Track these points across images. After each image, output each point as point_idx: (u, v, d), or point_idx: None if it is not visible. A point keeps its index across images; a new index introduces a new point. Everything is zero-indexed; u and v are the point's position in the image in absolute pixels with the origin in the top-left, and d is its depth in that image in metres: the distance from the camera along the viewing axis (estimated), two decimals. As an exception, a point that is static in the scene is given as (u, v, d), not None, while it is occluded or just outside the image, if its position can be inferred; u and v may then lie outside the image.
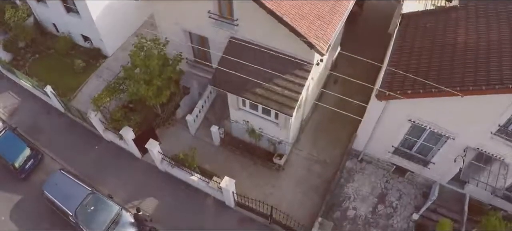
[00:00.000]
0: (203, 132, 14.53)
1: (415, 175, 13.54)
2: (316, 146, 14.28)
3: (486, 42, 10.70)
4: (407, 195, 13.40)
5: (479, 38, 10.95)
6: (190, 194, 13.42)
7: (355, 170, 13.73)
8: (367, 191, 13.38)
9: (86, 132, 15.21)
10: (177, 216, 13.02)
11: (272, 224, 12.69)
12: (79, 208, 12.31)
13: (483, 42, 10.70)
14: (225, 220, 12.93)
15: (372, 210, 13.11)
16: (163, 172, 13.96)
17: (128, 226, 12.38)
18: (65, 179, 13.00)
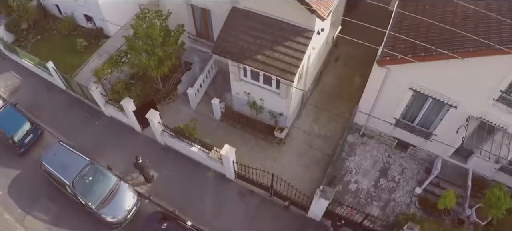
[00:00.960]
0: (204, 106, 14.32)
1: (417, 150, 13.27)
2: (317, 121, 14.04)
3: (485, 8, 10.54)
4: (409, 170, 13.09)
5: (478, 4, 10.81)
6: (190, 167, 13.12)
7: (357, 144, 13.45)
8: (369, 165, 13.09)
9: (87, 108, 15.04)
10: (177, 190, 12.70)
11: (273, 196, 12.42)
12: (77, 178, 12.01)
13: (482, 8, 10.50)
14: (225, 193, 12.61)
15: (374, 184, 12.80)
16: (163, 146, 13.70)
17: (127, 197, 12.10)
18: (64, 150, 12.72)
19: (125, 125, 14.22)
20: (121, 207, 11.95)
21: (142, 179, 12.86)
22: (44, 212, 12.86)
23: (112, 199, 12.00)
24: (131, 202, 12.13)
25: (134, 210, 12.20)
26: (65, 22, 17.01)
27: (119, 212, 11.90)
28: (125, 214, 11.96)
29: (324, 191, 10.72)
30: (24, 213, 12.85)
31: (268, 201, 12.48)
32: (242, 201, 12.45)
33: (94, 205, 11.83)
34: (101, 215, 11.79)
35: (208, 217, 12.14)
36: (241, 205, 12.41)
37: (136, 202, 12.25)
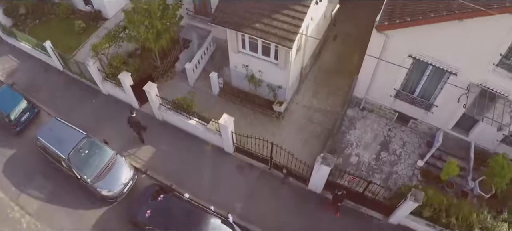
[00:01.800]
0: (202, 83, 14.02)
1: (418, 123, 12.92)
2: (317, 96, 13.73)
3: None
4: (410, 144, 12.71)
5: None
6: (188, 142, 12.76)
7: (357, 118, 13.08)
8: (369, 139, 12.71)
9: (84, 88, 14.71)
10: (175, 164, 12.32)
11: (272, 169, 12.01)
12: (72, 152, 11.58)
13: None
14: (223, 167, 12.23)
15: (376, 157, 12.40)
16: (161, 121, 13.33)
17: (123, 171, 11.68)
18: (60, 125, 12.30)
19: (123, 102, 13.85)
20: (117, 181, 11.54)
21: (139, 153, 12.53)
22: (39, 189, 12.43)
23: (108, 172, 11.58)
24: (128, 176, 11.73)
25: (131, 184, 11.81)
26: (63, 6, 16.81)
27: (115, 186, 11.48)
28: (121, 188, 11.55)
29: (325, 157, 10.33)
30: (18, 192, 12.40)
31: (267, 174, 12.07)
32: (240, 174, 12.05)
33: (89, 178, 11.41)
34: (97, 188, 11.37)
35: (206, 191, 11.72)
36: (240, 178, 12.01)
37: (132, 176, 11.84)
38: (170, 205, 10.67)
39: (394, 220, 11.38)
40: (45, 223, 11.90)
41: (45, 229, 11.75)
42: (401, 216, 11.09)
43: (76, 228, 11.43)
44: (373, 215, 11.48)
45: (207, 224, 10.19)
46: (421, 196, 10.16)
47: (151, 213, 10.60)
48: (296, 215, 11.39)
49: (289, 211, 11.42)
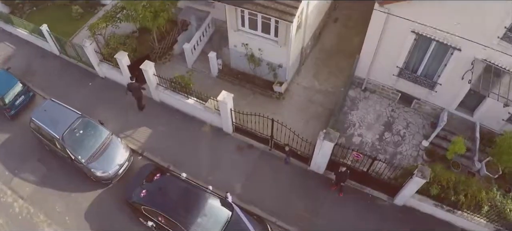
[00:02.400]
0: (200, 64, 13.53)
1: (421, 103, 12.39)
2: (318, 77, 13.24)
3: None
4: (414, 125, 12.18)
5: None
6: (185, 123, 12.23)
7: (359, 99, 12.55)
8: (372, 119, 12.17)
9: (81, 72, 14.19)
10: (172, 146, 11.78)
11: (273, 149, 11.48)
12: (66, 132, 11.04)
13: None
14: (222, 147, 11.69)
15: (379, 137, 11.87)
16: (158, 103, 12.81)
17: (119, 151, 11.14)
18: (55, 106, 11.76)
19: (119, 85, 13.33)
20: (112, 162, 11.01)
21: (135, 135, 11.97)
22: (32, 173, 11.85)
23: (103, 153, 11.04)
24: (123, 157, 11.19)
25: (126, 165, 11.25)
26: (61, -8, 16.44)
27: (110, 167, 10.94)
28: (116, 169, 11.01)
29: (328, 132, 9.81)
30: (12, 176, 11.84)
31: (268, 155, 11.54)
32: (240, 155, 11.51)
33: (83, 159, 10.86)
34: (91, 169, 10.82)
35: (204, 172, 11.19)
36: (239, 159, 11.47)
37: (128, 157, 11.31)
38: (167, 185, 10.13)
39: (399, 201, 10.82)
40: (37, 207, 11.33)
41: (37, 213, 11.21)
42: (406, 196, 10.54)
43: (69, 211, 10.89)
44: (378, 195, 10.93)
45: (205, 203, 9.65)
46: (428, 173, 9.60)
47: (146, 193, 10.04)
48: (298, 196, 10.85)
49: (290, 192, 10.89)
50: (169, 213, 9.53)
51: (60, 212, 11.20)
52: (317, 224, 10.48)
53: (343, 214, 10.58)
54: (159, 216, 9.70)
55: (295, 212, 10.63)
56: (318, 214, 10.64)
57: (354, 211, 10.66)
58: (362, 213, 10.64)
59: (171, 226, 9.61)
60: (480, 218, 10.37)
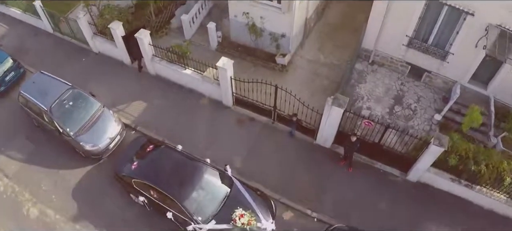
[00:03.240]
0: (199, 37, 12.52)
1: (432, 76, 11.35)
2: (322, 50, 12.22)
3: None
4: (425, 99, 11.13)
5: None
6: (182, 96, 11.21)
7: (367, 72, 11.52)
8: (381, 93, 11.13)
9: (74, 48, 13.13)
10: (167, 120, 10.72)
11: (276, 122, 10.43)
12: (55, 103, 9.97)
13: None
14: (221, 121, 10.64)
15: (389, 111, 10.79)
16: (153, 76, 11.76)
17: (110, 124, 10.07)
18: (45, 78, 10.70)
19: (114, 59, 12.34)
20: (102, 135, 9.94)
21: (128, 109, 10.88)
22: (19, 151, 10.71)
23: (93, 125, 9.97)
24: (115, 130, 10.13)
25: (118, 139, 10.19)
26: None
27: (100, 140, 9.86)
28: (107, 143, 9.93)
29: (337, 98, 8.75)
30: (-3, 154, 11.00)
31: (270, 128, 10.48)
32: (240, 128, 10.44)
33: (72, 131, 9.79)
34: (80, 143, 9.73)
35: (202, 146, 10.10)
36: (240, 133, 10.41)
37: (120, 131, 10.24)
38: (160, 157, 9.03)
39: (413, 176, 9.71)
40: (23, 186, 10.17)
41: (22, 192, 10.07)
42: (421, 170, 9.41)
43: (56, 189, 9.78)
44: (389, 171, 9.84)
45: (202, 176, 8.53)
46: (446, 141, 8.53)
47: (138, 165, 8.91)
48: (303, 171, 9.76)
49: (295, 167, 9.81)
50: (162, 186, 8.39)
51: (47, 190, 10.09)
52: (324, 201, 9.37)
53: (353, 190, 9.49)
54: (151, 189, 8.56)
55: (301, 189, 9.52)
56: (326, 190, 9.53)
57: (364, 188, 9.56)
58: (372, 189, 9.54)
59: (164, 200, 8.48)
60: (501, 194, 9.29)
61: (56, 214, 9.67)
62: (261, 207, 8.51)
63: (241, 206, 8.36)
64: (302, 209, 9.24)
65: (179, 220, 8.45)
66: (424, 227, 9.16)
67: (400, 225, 8.95)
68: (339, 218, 8.93)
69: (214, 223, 8.20)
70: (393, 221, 9.03)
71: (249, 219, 8.18)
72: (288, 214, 9.24)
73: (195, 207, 8.30)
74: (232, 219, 8.16)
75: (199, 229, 8.24)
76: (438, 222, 9.28)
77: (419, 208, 9.36)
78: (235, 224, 8.12)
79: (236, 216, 8.16)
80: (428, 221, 9.29)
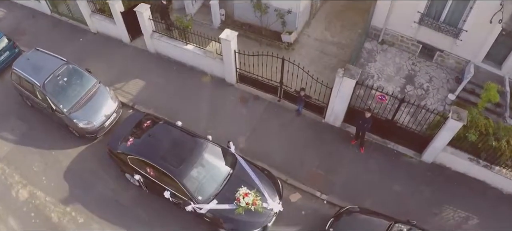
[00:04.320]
0: (201, 16, 11.66)
1: (445, 56, 10.47)
2: (330, 29, 11.33)
3: None
4: (438, 79, 10.25)
5: None
6: (183, 74, 10.33)
7: (376, 51, 10.67)
8: (392, 72, 10.25)
9: (72, 28, 12.20)
10: (167, 98, 9.79)
11: (283, 100, 9.49)
12: (49, 79, 9.03)
13: None
14: (224, 99, 9.73)
15: (400, 90, 9.94)
16: (154, 54, 10.85)
17: (106, 101, 9.13)
18: (40, 55, 9.78)
19: (112, 38, 11.43)
20: (97, 112, 9.01)
21: (126, 87, 9.88)
22: (11, 132, 9.74)
23: (88, 102, 9.04)
24: (111, 108, 9.19)
25: (114, 117, 9.25)
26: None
27: (95, 118, 8.93)
28: (102, 120, 8.99)
29: (348, 68, 7.86)
30: (-13, 135, 10.05)
31: (276, 106, 9.55)
32: (244, 107, 9.52)
33: (65, 108, 8.85)
34: (73, 120, 8.79)
35: (203, 126, 9.13)
36: (244, 111, 9.49)
37: (116, 109, 9.31)
38: (158, 132, 8.05)
39: (428, 157, 8.76)
40: (13, 167, 9.17)
41: (12, 173, 9.07)
42: (437, 149, 8.46)
43: (48, 170, 8.83)
44: (403, 151, 8.90)
45: (203, 152, 7.58)
46: (465, 115, 7.62)
47: (134, 141, 7.95)
48: (312, 152, 8.82)
49: (303, 147, 8.87)
50: (159, 162, 7.43)
51: (38, 172, 9.10)
52: (334, 182, 8.41)
53: (364, 172, 8.55)
54: (148, 166, 7.60)
55: (309, 170, 8.57)
56: (336, 172, 8.57)
57: (377, 169, 8.62)
58: (385, 171, 8.60)
59: (161, 179, 7.53)
60: (522, 175, 8.47)
61: (47, 196, 8.70)
62: (267, 186, 7.57)
63: (246, 185, 7.43)
64: (310, 191, 8.28)
65: (178, 200, 7.49)
66: (440, 211, 8.18)
67: (414, 208, 7.99)
68: (350, 201, 7.96)
69: (215, 202, 7.26)
70: (407, 204, 8.09)
71: (254, 198, 7.26)
72: (295, 196, 8.29)
73: (195, 185, 7.36)
74: (236, 198, 7.24)
75: (199, 209, 7.29)
76: (455, 206, 8.34)
77: (434, 191, 8.40)
78: (239, 203, 7.20)
79: (240, 195, 7.25)
80: (445, 205, 8.34)
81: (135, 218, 8.17)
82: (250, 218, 7.21)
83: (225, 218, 7.21)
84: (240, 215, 7.20)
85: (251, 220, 7.21)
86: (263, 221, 7.31)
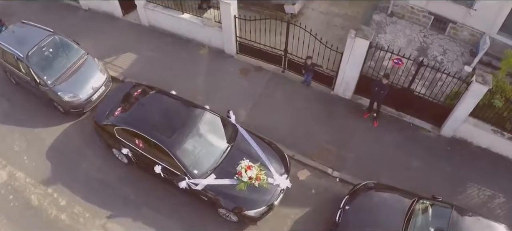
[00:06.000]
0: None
1: (458, 29, 9.31)
2: (335, 3, 10.08)
3: None
4: (452, 52, 9.06)
5: None
6: (179, 46, 9.12)
7: (386, 23, 9.54)
8: (403, 44, 9.04)
9: (63, 7, 10.88)
10: (160, 71, 8.53)
11: (287, 71, 8.29)
12: (33, 50, 7.78)
13: None
14: (223, 71, 8.51)
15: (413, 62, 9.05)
16: (147, 28, 9.61)
17: (94, 74, 7.87)
18: (26, 27, 8.53)
19: (104, 14, 10.19)
20: (84, 84, 7.77)
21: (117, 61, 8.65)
22: (-9, 111, 8.84)
23: (74, 74, 7.81)
24: (99, 80, 7.96)
25: (103, 91, 7.99)
26: None
27: (81, 90, 7.69)
28: (89, 93, 7.75)
29: (361, 29, 6.78)
30: (-37, 114, 8.77)
31: (280, 78, 8.36)
32: (245, 79, 8.30)
33: (50, 80, 7.64)
34: (58, 93, 7.56)
35: (201, 100, 7.78)
36: (244, 83, 8.29)
37: (105, 82, 8.06)
38: (149, 102, 6.84)
39: (447, 130, 7.57)
40: (-9, 147, 8.19)
41: (-10, 154, 8.04)
42: (458, 121, 7.25)
43: (30, 150, 7.57)
44: (420, 125, 7.72)
45: (199, 121, 6.38)
46: (490, 78, 6.46)
47: (122, 111, 6.76)
48: (321, 126, 7.62)
49: (310, 121, 7.68)
50: (149, 132, 6.21)
51: (18, 151, 7.80)
52: (346, 158, 7.21)
53: (379, 147, 7.37)
54: (137, 138, 6.37)
55: (318, 145, 7.37)
56: (347, 147, 7.37)
57: (392, 144, 7.44)
58: (401, 146, 7.41)
59: (152, 151, 6.29)
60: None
61: (27, 177, 7.40)
62: (272, 160, 6.35)
63: (248, 158, 6.20)
64: (320, 168, 7.06)
65: (170, 175, 6.26)
66: (464, 188, 6.95)
67: (435, 186, 6.75)
68: (365, 178, 6.71)
69: (213, 177, 6.03)
70: (427, 181, 6.89)
71: (258, 172, 6.03)
72: (303, 173, 7.06)
73: (190, 157, 6.15)
74: (237, 172, 6.02)
75: (195, 186, 6.05)
76: (479, 183, 7.12)
77: (456, 167, 7.20)
78: (241, 177, 5.96)
79: (241, 168, 6.02)
80: (468, 182, 7.11)
81: (122, 198, 6.93)
82: (254, 195, 5.97)
83: (225, 195, 5.98)
84: (242, 192, 5.97)
85: (255, 197, 5.97)
86: (269, 199, 6.06)
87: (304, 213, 6.67)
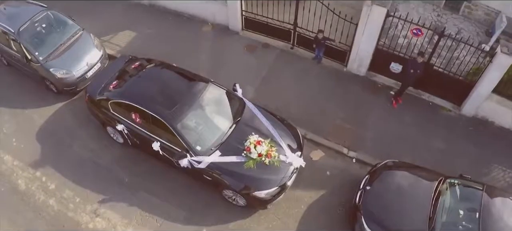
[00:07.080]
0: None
1: (472, 8, 8.59)
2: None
3: None
4: (467, 31, 8.34)
5: None
6: (181, 24, 8.35)
7: (398, 2, 8.93)
8: (416, 21, 8.65)
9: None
10: (160, 48, 7.65)
11: (296, 47, 7.52)
12: (25, 26, 6.97)
13: None
14: (228, 48, 7.74)
15: (429, 41, 8.30)
16: (147, 5, 8.80)
17: (90, 50, 7.05)
18: (18, 3, 7.73)
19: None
20: (78, 61, 6.96)
21: (115, 39, 7.82)
22: (-23, 92, 8.00)
23: (68, 50, 7.01)
24: (95, 57, 7.15)
25: (99, 67, 7.16)
26: None
27: (75, 67, 6.88)
28: (83, 70, 6.94)
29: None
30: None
31: (289, 55, 7.58)
32: (251, 56, 7.53)
33: (41, 56, 6.83)
34: (49, 69, 6.75)
35: (204, 75, 6.75)
36: (251, 61, 7.51)
37: (101, 59, 7.25)
38: (148, 74, 6.04)
39: (469, 109, 6.81)
40: (-21, 130, 7.39)
41: (-23, 137, 7.23)
42: (481, 98, 6.51)
43: (19, 132, 6.72)
44: (440, 103, 6.98)
45: (202, 93, 5.57)
46: (517, 45, 5.87)
47: (118, 84, 5.97)
48: (333, 103, 6.85)
49: (321, 99, 6.92)
50: (147, 105, 5.40)
51: (7, 134, 6.96)
52: (364, 137, 6.45)
53: (397, 127, 6.60)
54: (134, 112, 5.56)
55: (332, 123, 6.59)
56: (364, 125, 6.61)
57: (411, 123, 6.67)
58: (421, 125, 6.67)
59: (150, 126, 5.46)
60: None
61: (14, 160, 6.55)
62: (284, 136, 5.56)
63: (257, 133, 5.42)
64: (335, 148, 6.28)
65: (170, 153, 5.44)
66: (488, 171, 6.17)
67: (459, 167, 5.93)
68: (383, 159, 5.88)
69: (218, 154, 5.22)
70: (450, 162, 6.14)
71: (269, 149, 5.23)
72: (317, 154, 6.26)
73: (193, 132, 5.35)
74: (245, 148, 5.22)
75: (198, 163, 5.22)
76: (504, 165, 6.32)
77: (479, 148, 6.44)
78: (249, 154, 5.15)
79: (250, 143, 5.20)
80: (493, 164, 6.33)
81: (116, 182, 6.08)
82: (264, 174, 5.16)
83: (231, 174, 5.16)
84: (250, 170, 5.16)
85: (265, 176, 5.16)
86: (281, 179, 5.24)
87: (319, 196, 5.85)
